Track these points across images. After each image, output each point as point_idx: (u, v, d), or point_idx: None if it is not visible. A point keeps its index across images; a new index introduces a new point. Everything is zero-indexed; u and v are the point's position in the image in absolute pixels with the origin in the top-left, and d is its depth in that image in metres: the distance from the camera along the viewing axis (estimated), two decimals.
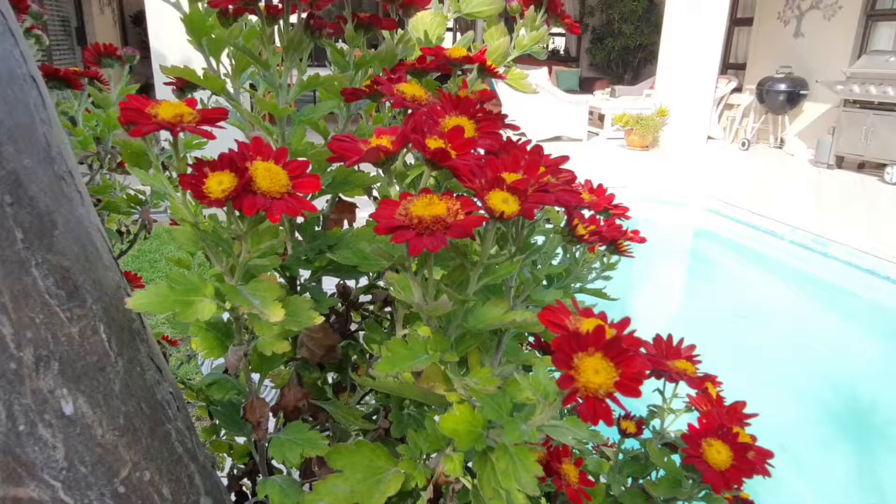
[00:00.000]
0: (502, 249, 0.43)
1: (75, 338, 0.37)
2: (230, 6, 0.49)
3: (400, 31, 0.66)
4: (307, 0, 0.47)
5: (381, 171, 0.41)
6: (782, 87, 7.56)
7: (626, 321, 0.40)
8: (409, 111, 0.46)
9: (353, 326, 0.60)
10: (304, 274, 0.59)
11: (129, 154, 0.62)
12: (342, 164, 0.43)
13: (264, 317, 0.38)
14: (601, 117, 8.78)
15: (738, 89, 8.87)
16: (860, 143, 6.45)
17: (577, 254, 0.61)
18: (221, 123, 0.45)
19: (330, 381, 0.62)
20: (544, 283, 0.47)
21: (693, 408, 0.59)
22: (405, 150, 0.41)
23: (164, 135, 0.60)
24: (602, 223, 0.64)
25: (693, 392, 0.58)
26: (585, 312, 0.40)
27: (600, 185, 0.68)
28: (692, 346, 0.61)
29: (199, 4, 0.57)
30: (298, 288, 0.55)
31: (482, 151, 0.47)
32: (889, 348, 3.51)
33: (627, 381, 0.35)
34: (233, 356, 0.43)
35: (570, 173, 0.67)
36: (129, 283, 0.55)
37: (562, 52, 12.70)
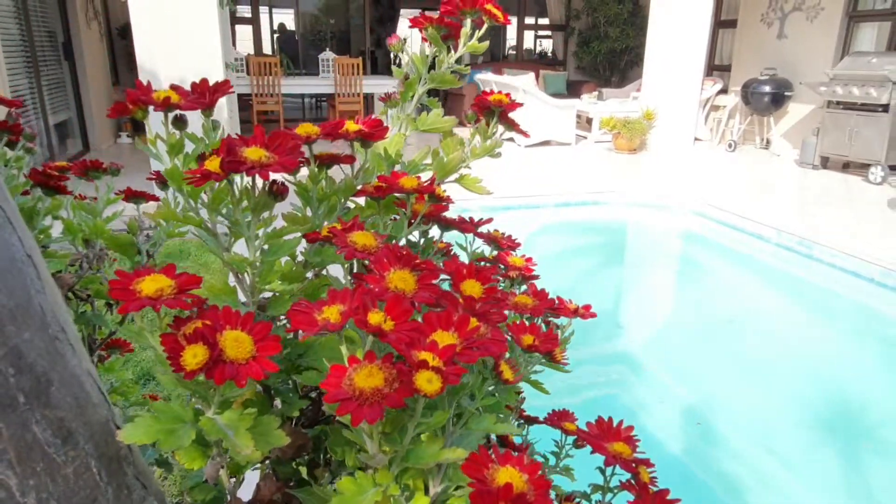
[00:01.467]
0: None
1: (70, 477, 0.42)
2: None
3: (361, 160, 0.73)
4: (252, 173, 0.53)
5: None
6: (767, 88, 7.64)
7: (535, 468, 0.45)
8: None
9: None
10: None
11: (116, 245, 0.67)
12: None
13: (237, 448, 0.43)
14: (589, 121, 8.85)
15: (723, 91, 8.95)
16: (844, 143, 6.54)
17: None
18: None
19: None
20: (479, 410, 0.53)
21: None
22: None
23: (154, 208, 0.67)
24: (544, 324, 0.70)
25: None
26: (505, 458, 0.45)
27: (542, 291, 0.74)
28: (630, 427, 0.66)
29: (177, 160, 0.65)
30: (272, 391, 0.61)
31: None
32: (872, 351, 3.58)
33: None
34: (211, 468, 0.49)
35: (511, 252, 0.74)
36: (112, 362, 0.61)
37: (549, 55, 12.78)
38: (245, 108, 8.36)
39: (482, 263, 0.84)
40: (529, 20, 12.37)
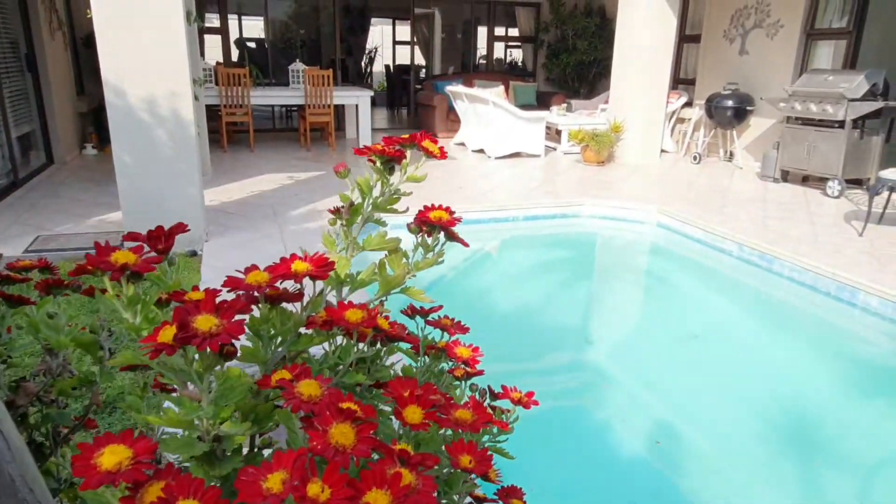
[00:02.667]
0: None
1: None
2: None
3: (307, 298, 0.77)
4: (203, 346, 0.58)
5: None
6: (729, 103, 7.85)
7: None
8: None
9: None
10: None
11: (80, 344, 0.70)
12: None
13: None
14: (558, 132, 8.98)
15: (688, 104, 9.16)
16: (803, 158, 6.75)
17: None
18: None
19: None
20: None
21: None
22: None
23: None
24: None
25: None
26: None
27: (481, 406, 0.77)
28: None
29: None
30: None
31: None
32: (828, 365, 3.70)
33: None
34: None
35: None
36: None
37: (519, 65, 12.92)
38: (214, 119, 8.29)
39: (432, 352, 0.87)
40: (499, 30, 12.49)
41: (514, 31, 12.34)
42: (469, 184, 6.70)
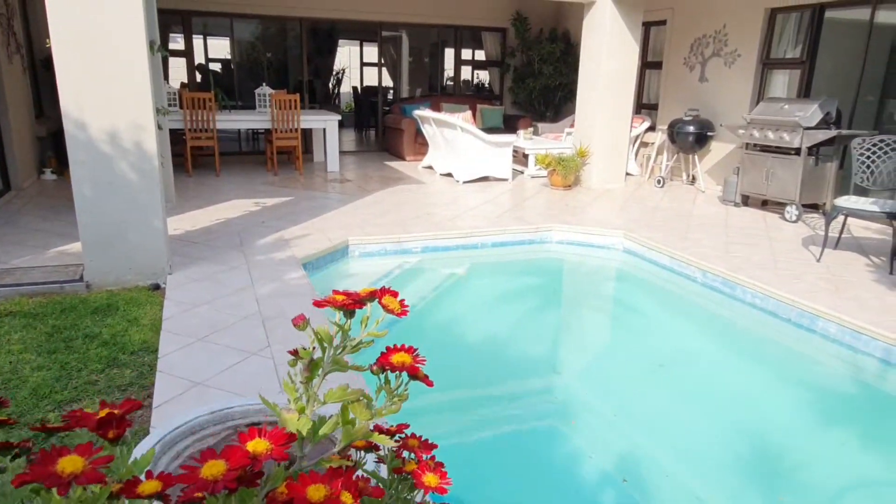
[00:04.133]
0: None
1: None
2: None
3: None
4: None
5: None
6: (691, 128, 8.05)
7: None
8: None
9: None
10: None
11: None
12: None
13: None
14: (525, 155, 9.08)
15: (651, 128, 9.37)
16: (762, 183, 6.94)
17: None
18: None
19: None
20: None
21: None
22: None
23: None
24: None
25: None
26: None
27: None
28: None
29: None
30: None
31: None
32: (793, 393, 3.78)
33: None
34: None
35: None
36: None
37: (486, 87, 13.05)
38: (178, 142, 8.17)
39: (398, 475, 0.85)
40: (467, 53, 12.62)
41: (480, 54, 12.48)
42: (437, 209, 6.71)
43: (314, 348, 0.85)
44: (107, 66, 3.82)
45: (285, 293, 4.07)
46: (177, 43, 10.88)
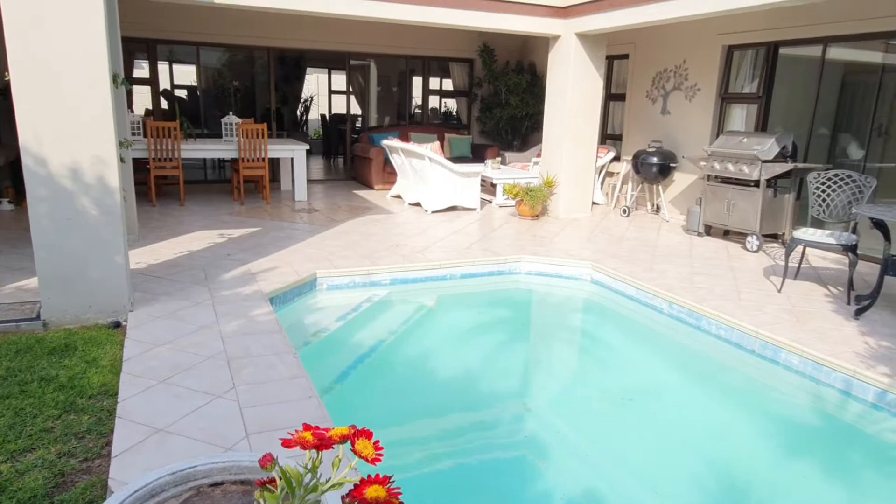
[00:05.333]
0: None
1: None
2: None
3: None
4: None
5: None
6: (654, 160, 8.23)
7: None
8: None
9: None
10: None
11: None
12: None
13: None
14: (493, 185, 9.15)
15: (617, 158, 9.55)
16: (723, 213, 7.11)
17: None
18: None
19: None
20: None
21: None
22: None
23: None
24: None
25: None
26: None
27: None
28: None
29: None
30: None
31: None
32: (759, 425, 3.82)
33: None
34: None
35: None
36: None
37: (454, 114, 13.17)
38: (142, 171, 8.02)
39: None
40: (434, 82, 12.74)
41: (448, 84, 12.62)
42: (406, 240, 6.70)
43: (283, 490, 0.82)
44: (69, 100, 3.75)
45: (251, 331, 3.99)
46: (142, 69, 10.74)
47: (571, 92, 8.07)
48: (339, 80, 15.52)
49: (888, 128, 7.38)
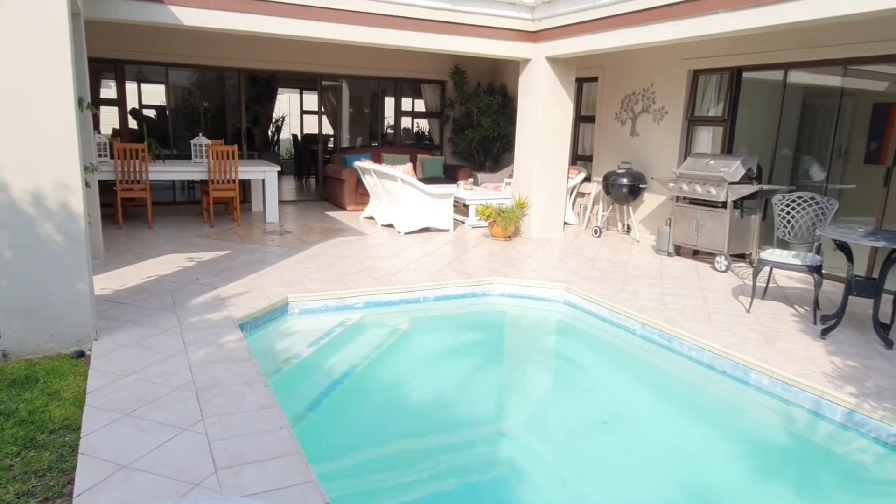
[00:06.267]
0: None
1: None
2: None
3: None
4: None
5: None
6: (624, 181, 8.34)
7: None
8: None
9: None
10: None
11: None
12: None
13: None
14: (465, 206, 9.18)
15: (587, 179, 9.67)
16: (692, 234, 7.22)
17: None
18: None
19: None
20: None
21: None
22: None
23: None
24: None
25: None
26: None
27: None
28: None
29: None
30: None
31: None
32: (731, 446, 3.85)
33: None
34: None
35: None
36: None
37: (426, 135, 13.23)
38: (108, 193, 7.87)
39: None
40: (406, 103, 12.80)
41: (420, 105, 12.68)
42: (379, 262, 6.66)
43: None
44: (32, 124, 3.66)
45: (221, 358, 3.91)
46: (109, 88, 10.58)
47: (542, 114, 8.16)
48: (311, 100, 15.51)
49: (847, 149, 7.62)
